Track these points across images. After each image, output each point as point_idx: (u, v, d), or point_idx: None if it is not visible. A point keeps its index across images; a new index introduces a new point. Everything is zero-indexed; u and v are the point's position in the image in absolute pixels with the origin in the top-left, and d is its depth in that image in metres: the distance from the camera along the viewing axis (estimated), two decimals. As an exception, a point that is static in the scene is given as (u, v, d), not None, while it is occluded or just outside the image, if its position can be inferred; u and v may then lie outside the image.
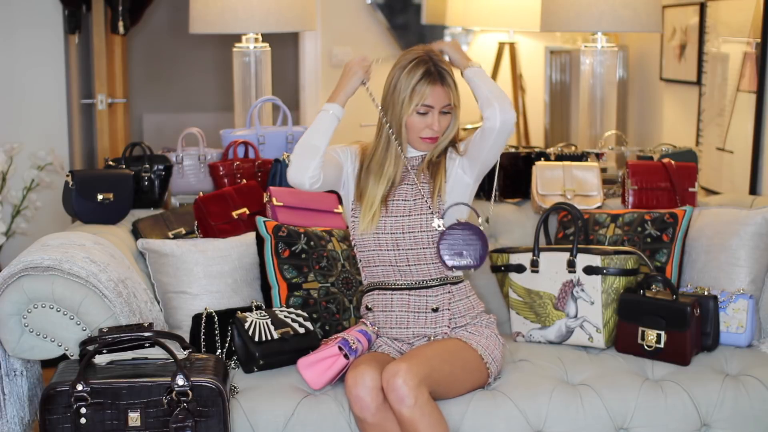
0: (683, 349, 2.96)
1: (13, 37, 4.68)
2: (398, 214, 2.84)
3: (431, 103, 2.78)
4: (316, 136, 2.76)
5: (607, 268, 3.05)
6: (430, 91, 2.77)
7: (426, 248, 2.82)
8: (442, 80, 2.78)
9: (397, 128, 2.82)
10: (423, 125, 2.80)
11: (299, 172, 2.74)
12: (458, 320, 2.86)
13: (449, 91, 2.79)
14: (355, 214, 2.88)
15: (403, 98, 2.78)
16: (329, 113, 2.78)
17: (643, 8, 3.90)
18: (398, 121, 2.81)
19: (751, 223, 3.20)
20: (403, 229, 2.82)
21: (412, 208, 2.84)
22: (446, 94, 2.79)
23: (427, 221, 2.81)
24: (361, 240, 2.86)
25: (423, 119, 2.80)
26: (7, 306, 2.70)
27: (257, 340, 2.86)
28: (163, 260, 3.13)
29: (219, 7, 3.93)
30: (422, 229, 2.82)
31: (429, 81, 2.77)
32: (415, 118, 2.80)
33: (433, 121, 2.80)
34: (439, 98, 2.78)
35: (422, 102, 2.77)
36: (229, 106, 4.65)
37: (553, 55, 5.73)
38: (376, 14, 5.75)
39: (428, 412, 2.60)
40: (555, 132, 5.75)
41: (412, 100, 2.77)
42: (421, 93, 2.77)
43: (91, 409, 2.50)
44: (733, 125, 4.10)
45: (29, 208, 4.56)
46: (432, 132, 2.81)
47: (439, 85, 2.78)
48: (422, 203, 2.84)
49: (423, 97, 2.77)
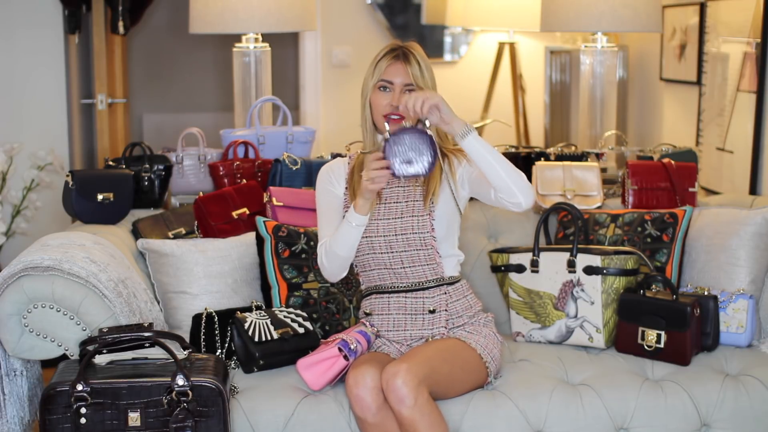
0: (683, 349, 2.96)
1: (13, 37, 4.68)
2: (390, 217, 2.84)
3: (390, 78, 2.80)
4: (344, 248, 2.79)
5: (607, 268, 3.05)
6: (391, 67, 2.80)
7: (419, 250, 2.82)
8: (405, 59, 2.80)
9: (363, 106, 2.85)
10: (385, 102, 2.81)
11: (332, 276, 2.87)
12: (456, 320, 2.87)
13: (410, 70, 2.79)
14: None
15: (367, 76, 2.83)
16: (353, 225, 2.77)
17: (643, 8, 3.90)
18: (364, 100, 2.85)
19: (751, 223, 3.20)
20: (396, 231, 2.82)
21: (404, 210, 2.84)
22: (406, 72, 2.79)
23: (419, 223, 2.82)
24: None
25: (384, 96, 2.81)
26: (7, 306, 2.70)
27: (257, 340, 2.86)
28: (163, 260, 3.13)
29: (219, 7, 3.93)
30: (414, 231, 2.82)
31: (391, 57, 2.81)
32: (378, 96, 2.82)
33: (394, 98, 2.80)
34: (399, 74, 2.79)
35: (381, 77, 2.80)
36: (229, 106, 4.65)
37: (553, 55, 5.73)
38: (376, 14, 5.75)
39: (428, 412, 2.60)
40: (555, 132, 5.75)
41: (373, 75, 2.81)
42: (381, 68, 2.81)
43: (91, 409, 2.50)
44: (733, 125, 4.10)
45: (29, 208, 4.56)
46: (392, 108, 2.80)
47: (401, 63, 2.80)
48: (414, 205, 2.84)
49: (382, 72, 2.80)
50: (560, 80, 5.71)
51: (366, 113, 2.86)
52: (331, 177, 2.95)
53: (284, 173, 3.57)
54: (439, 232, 2.84)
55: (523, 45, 5.74)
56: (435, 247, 2.83)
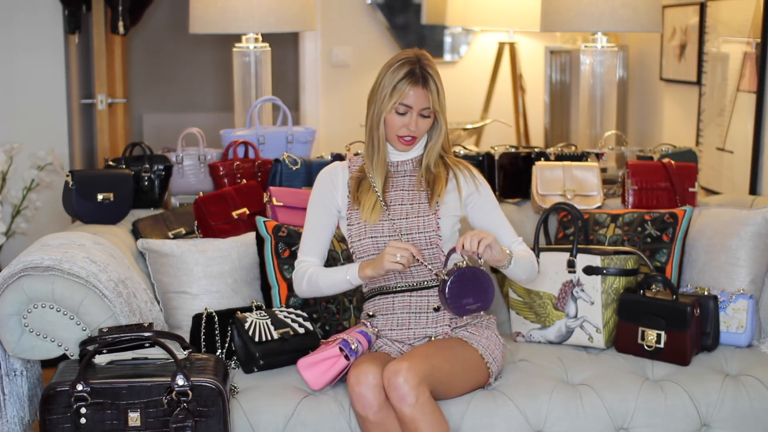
0: (683, 349, 2.96)
1: (13, 37, 4.68)
2: (395, 218, 2.84)
3: (410, 104, 2.79)
4: (329, 291, 2.88)
5: (607, 268, 3.05)
6: (411, 92, 2.78)
7: (425, 249, 2.82)
8: (425, 83, 2.79)
9: (377, 123, 2.83)
10: (401, 124, 2.82)
11: (303, 295, 2.94)
12: (458, 320, 2.86)
13: (429, 95, 2.79)
14: (350, 222, 2.89)
15: (384, 95, 2.80)
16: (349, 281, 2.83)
17: (643, 8, 3.90)
18: (378, 117, 2.83)
19: (751, 223, 3.20)
20: (401, 232, 2.82)
21: (409, 211, 2.85)
22: (426, 97, 2.79)
23: (425, 223, 2.82)
24: (359, 246, 2.86)
25: (401, 119, 2.81)
26: (7, 306, 2.70)
27: (257, 340, 2.86)
28: (163, 260, 3.13)
29: (219, 7, 3.93)
30: (420, 231, 2.82)
31: (411, 81, 2.78)
32: (394, 117, 2.81)
33: (410, 122, 2.81)
34: (419, 100, 2.79)
35: (401, 101, 2.79)
36: (229, 106, 4.65)
37: (553, 55, 5.73)
38: (376, 14, 5.75)
39: (429, 410, 2.60)
40: (555, 132, 5.75)
41: (392, 98, 2.79)
42: (401, 92, 2.78)
43: (91, 409, 2.50)
44: (733, 125, 4.10)
45: (29, 208, 4.56)
46: (408, 131, 2.82)
47: (420, 87, 2.78)
48: (419, 207, 2.84)
49: (402, 96, 2.78)
50: (560, 80, 5.71)
51: (380, 130, 2.84)
52: (331, 184, 2.94)
53: (284, 173, 3.57)
54: (444, 231, 2.84)
55: (523, 45, 5.74)
56: (440, 246, 2.83)
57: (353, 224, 2.88)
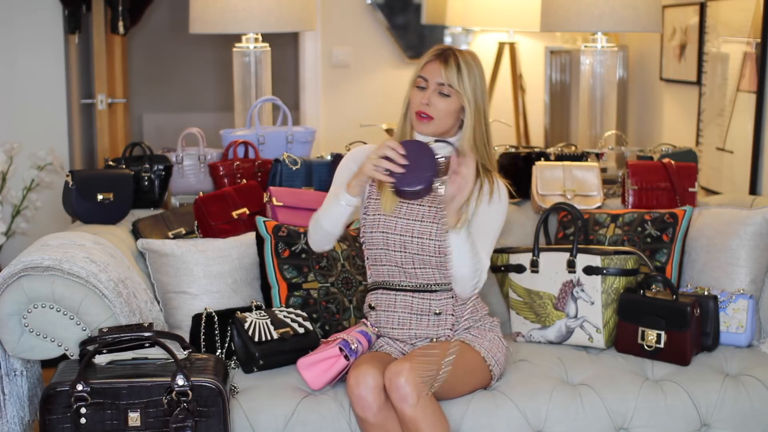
0: (683, 349, 2.96)
1: (13, 37, 4.68)
2: (410, 218, 2.82)
3: (426, 76, 2.79)
4: (327, 221, 2.80)
5: (607, 268, 3.05)
6: (429, 65, 2.80)
7: (432, 256, 2.80)
8: (446, 60, 2.78)
9: (406, 101, 2.85)
10: (418, 99, 2.81)
11: (315, 245, 2.89)
12: (461, 324, 2.86)
13: (446, 72, 2.76)
14: (366, 212, 2.87)
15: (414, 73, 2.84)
16: (341, 203, 2.77)
17: (643, 8, 3.91)
18: (408, 95, 2.85)
19: (751, 223, 3.20)
20: (413, 234, 2.81)
21: (425, 215, 2.82)
22: (440, 72, 2.77)
23: (438, 230, 2.79)
24: (370, 237, 2.85)
25: (419, 93, 2.81)
26: (7, 306, 2.70)
27: (257, 340, 2.86)
28: (163, 260, 3.13)
29: (219, 7, 3.93)
30: (431, 237, 2.79)
31: (433, 56, 2.80)
32: (415, 92, 2.82)
33: (425, 96, 2.79)
34: (434, 73, 2.78)
35: (419, 73, 2.80)
36: (229, 106, 4.65)
37: (553, 55, 5.73)
38: (376, 14, 5.75)
39: (430, 411, 2.60)
40: (555, 132, 5.74)
41: (416, 73, 2.82)
42: (421, 64, 2.82)
43: (91, 409, 2.50)
44: (733, 125, 4.10)
45: (29, 208, 4.56)
46: (422, 106, 2.79)
47: (440, 62, 2.78)
48: (437, 211, 2.81)
49: (421, 69, 2.81)
50: (560, 80, 5.71)
51: (408, 109, 2.85)
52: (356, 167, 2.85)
53: (284, 173, 3.57)
54: None
55: (523, 45, 5.74)
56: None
57: (369, 214, 2.87)
